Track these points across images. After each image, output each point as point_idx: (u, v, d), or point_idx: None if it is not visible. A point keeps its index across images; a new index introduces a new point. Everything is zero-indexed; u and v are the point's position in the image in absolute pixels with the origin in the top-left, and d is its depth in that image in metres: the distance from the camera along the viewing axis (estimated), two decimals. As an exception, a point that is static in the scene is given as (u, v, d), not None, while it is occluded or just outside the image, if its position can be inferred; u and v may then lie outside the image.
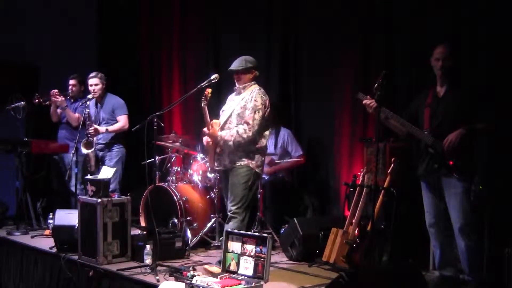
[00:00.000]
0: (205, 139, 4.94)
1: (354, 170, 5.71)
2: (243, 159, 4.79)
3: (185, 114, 7.76)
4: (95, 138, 6.43)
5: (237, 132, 4.72)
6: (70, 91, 7.02)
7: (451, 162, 4.28)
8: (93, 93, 6.49)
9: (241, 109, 4.81)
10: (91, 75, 6.58)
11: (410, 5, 5.35)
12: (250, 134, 4.72)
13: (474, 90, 4.44)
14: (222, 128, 4.85)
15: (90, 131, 6.31)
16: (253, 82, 4.94)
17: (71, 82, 7.03)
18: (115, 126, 6.50)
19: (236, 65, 4.90)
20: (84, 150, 6.34)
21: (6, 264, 6.14)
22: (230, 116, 4.85)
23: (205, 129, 4.85)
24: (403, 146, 5.24)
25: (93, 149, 6.34)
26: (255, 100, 4.78)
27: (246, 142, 4.74)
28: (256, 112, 4.75)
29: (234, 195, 4.79)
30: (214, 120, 4.88)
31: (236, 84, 4.95)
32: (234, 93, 5.03)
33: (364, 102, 4.55)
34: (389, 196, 4.80)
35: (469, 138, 4.26)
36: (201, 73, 7.01)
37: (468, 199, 4.28)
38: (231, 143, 4.74)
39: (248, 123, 4.73)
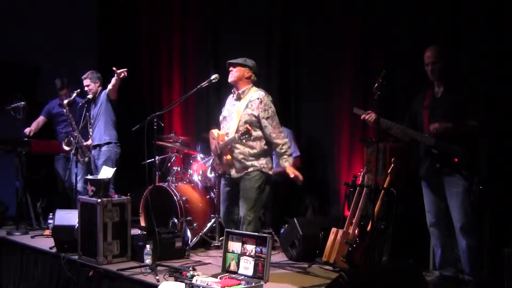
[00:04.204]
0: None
1: (354, 170, 5.71)
2: (255, 165, 4.78)
3: (185, 114, 7.76)
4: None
5: (285, 153, 4.78)
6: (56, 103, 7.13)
7: (456, 159, 4.27)
8: (89, 93, 6.45)
9: (248, 117, 4.77)
10: (83, 76, 6.52)
11: (410, 5, 5.35)
12: (286, 140, 4.82)
13: (473, 90, 4.44)
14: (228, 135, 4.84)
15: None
16: (251, 85, 4.92)
17: (63, 92, 7.06)
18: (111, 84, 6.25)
19: (235, 59, 4.90)
20: (65, 147, 6.46)
21: (6, 264, 6.14)
22: (238, 124, 4.78)
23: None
24: (403, 146, 5.24)
25: (72, 147, 6.31)
26: (270, 107, 4.80)
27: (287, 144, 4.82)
28: (274, 118, 4.81)
29: (247, 198, 4.77)
30: (220, 132, 4.89)
31: (229, 78, 4.90)
32: (233, 97, 4.99)
33: (362, 117, 4.60)
34: (389, 196, 4.81)
35: (457, 132, 4.27)
36: (201, 73, 7.02)
37: (469, 198, 4.28)
38: (290, 163, 4.80)
39: (275, 132, 4.78)
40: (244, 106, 4.82)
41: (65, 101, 6.48)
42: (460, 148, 4.27)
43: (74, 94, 6.42)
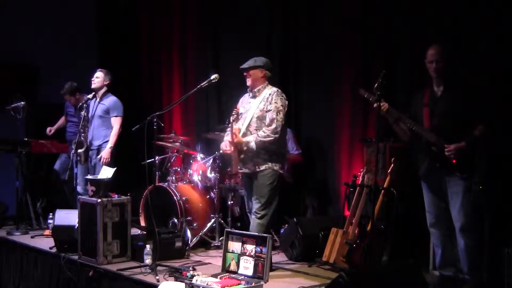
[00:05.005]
0: (224, 146, 4.94)
1: (354, 170, 5.71)
2: (267, 162, 4.80)
3: (185, 114, 7.76)
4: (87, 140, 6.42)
5: (257, 138, 4.74)
6: (69, 103, 7.13)
7: (454, 161, 4.27)
8: (91, 83, 6.46)
9: (260, 112, 4.82)
10: (100, 68, 6.58)
11: (410, 5, 5.35)
12: (272, 135, 4.74)
13: (474, 90, 4.43)
14: (244, 134, 4.84)
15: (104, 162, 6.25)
16: (266, 83, 4.95)
17: (65, 97, 7.06)
18: (113, 136, 6.36)
19: (245, 63, 4.92)
20: (78, 150, 6.36)
21: (6, 264, 6.14)
22: (250, 120, 4.84)
23: (228, 139, 4.85)
24: (403, 146, 5.24)
25: (84, 148, 6.30)
26: (275, 102, 4.80)
27: (268, 143, 4.75)
28: (278, 113, 4.78)
29: (259, 195, 4.82)
30: (236, 127, 4.89)
31: (247, 83, 4.95)
32: (249, 95, 5.02)
33: (375, 106, 4.44)
34: (389, 196, 4.80)
35: (470, 147, 4.25)
36: (201, 73, 7.02)
37: (469, 198, 4.27)
38: (252, 144, 4.74)
39: (270, 125, 4.75)
40: (258, 102, 4.87)
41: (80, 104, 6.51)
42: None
43: (86, 98, 6.40)
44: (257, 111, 4.84)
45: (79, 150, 6.29)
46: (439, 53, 4.38)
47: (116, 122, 6.42)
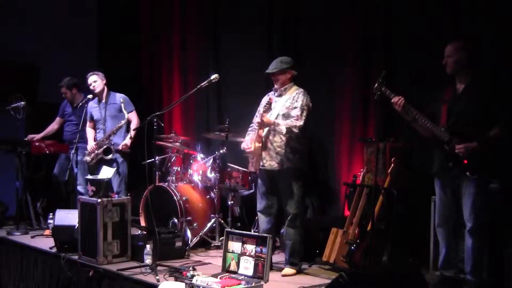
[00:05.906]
0: (245, 144, 4.95)
1: (354, 170, 5.71)
2: (293, 161, 4.81)
3: (185, 114, 7.76)
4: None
5: (287, 123, 4.75)
6: (66, 99, 7.10)
7: (465, 161, 4.22)
8: (93, 89, 6.41)
9: (286, 110, 4.84)
10: (88, 74, 6.50)
11: (410, 5, 5.35)
12: (298, 127, 4.74)
13: (495, 90, 4.33)
14: (269, 132, 4.84)
15: (124, 149, 6.26)
16: (292, 83, 4.96)
17: (62, 90, 7.03)
18: (135, 127, 6.26)
19: (271, 67, 4.93)
20: (104, 156, 6.25)
21: (6, 264, 6.14)
22: (276, 118, 4.84)
23: (248, 138, 4.88)
24: (403, 146, 5.24)
25: (111, 155, 6.22)
26: (301, 100, 4.82)
27: (294, 133, 4.74)
28: (302, 111, 4.79)
29: (290, 196, 4.82)
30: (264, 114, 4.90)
31: (275, 85, 4.97)
32: (274, 94, 5.03)
33: (393, 100, 4.37)
34: (389, 196, 4.80)
35: (483, 149, 4.19)
36: (201, 73, 7.02)
37: (481, 199, 4.21)
38: (282, 127, 4.71)
39: (296, 119, 4.76)
40: (284, 101, 4.89)
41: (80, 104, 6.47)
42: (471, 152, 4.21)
43: (87, 98, 6.36)
44: (283, 108, 4.86)
45: (107, 157, 6.19)
46: (450, 49, 4.32)
47: (134, 116, 6.37)
